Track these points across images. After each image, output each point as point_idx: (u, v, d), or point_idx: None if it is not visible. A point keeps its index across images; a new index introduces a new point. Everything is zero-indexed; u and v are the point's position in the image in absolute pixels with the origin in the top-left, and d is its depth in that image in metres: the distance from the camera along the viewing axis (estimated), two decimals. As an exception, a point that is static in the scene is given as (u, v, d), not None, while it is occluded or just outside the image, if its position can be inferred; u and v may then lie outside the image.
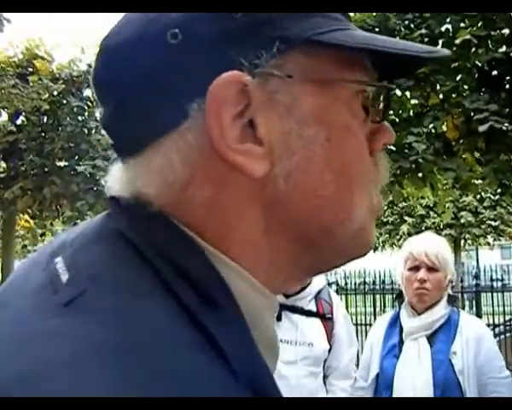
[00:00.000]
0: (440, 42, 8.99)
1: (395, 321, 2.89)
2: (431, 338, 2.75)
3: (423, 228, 21.64)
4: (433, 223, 22.70)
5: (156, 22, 0.57)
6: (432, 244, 2.81)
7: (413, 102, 9.34)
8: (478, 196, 21.34)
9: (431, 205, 21.86)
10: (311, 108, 0.58)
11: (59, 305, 0.49)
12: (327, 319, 3.00)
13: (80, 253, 0.56)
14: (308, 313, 2.96)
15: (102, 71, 0.62)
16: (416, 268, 2.78)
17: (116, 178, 0.62)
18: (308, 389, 2.87)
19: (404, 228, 23.50)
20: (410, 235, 23.65)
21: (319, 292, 3.03)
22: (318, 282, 3.04)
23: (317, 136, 0.58)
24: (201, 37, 0.55)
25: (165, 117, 0.56)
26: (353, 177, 0.61)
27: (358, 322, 11.93)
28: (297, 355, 2.85)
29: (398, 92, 9.10)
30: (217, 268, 0.54)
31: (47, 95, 12.41)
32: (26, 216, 15.68)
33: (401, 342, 2.80)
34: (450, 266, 2.80)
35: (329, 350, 3.00)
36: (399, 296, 2.94)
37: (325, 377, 3.03)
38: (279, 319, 2.87)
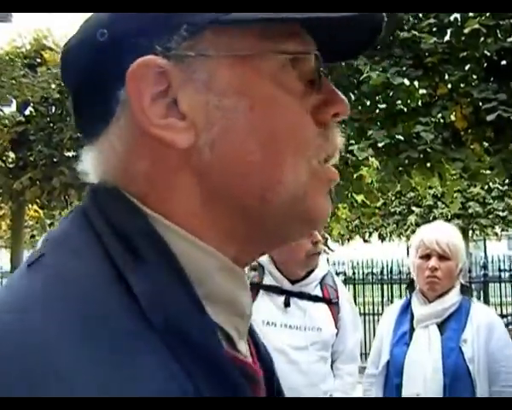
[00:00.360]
0: (449, 31, 8.97)
1: (406, 309, 2.91)
2: (442, 326, 2.76)
3: (431, 218, 21.55)
4: (441, 213, 22.63)
5: (90, 24, 0.66)
6: (443, 233, 2.81)
7: (421, 91, 9.30)
8: (486, 187, 21.26)
9: (439, 195, 21.80)
10: (228, 80, 0.62)
11: (25, 267, 0.59)
12: (333, 303, 3.02)
13: (55, 228, 0.66)
14: (315, 299, 2.98)
15: (62, 72, 0.71)
16: (427, 256, 2.80)
17: (86, 164, 0.70)
18: (319, 374, 2.90)
19: (412, 218, 23.46)
20: (417, 225, 23.58)
21: (324, 277, 3.05)
22: (322, 267, 3.07)
23: (236, 106, 0.62)
24: (123, 32, 0.63)
25: (107, 107, 0.64)
26: (284, 145, 0.64)
27: (366, 312, 11.95)
28: (307, 341, 2.88)
29: (407, 82, 9.07)
30: (157, 230, 0.61)
31: (55, 85, 12.42)
32: (35, 206, 15.74)
33: (412, 329, 2.81)
34: (461, 255, 2.81)
35: (336, 335, 3.02)
36: (411, 284, 2.95)
37: (332, 362, 3.05)
38: (287, 305, 2.90)
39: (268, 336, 2.81)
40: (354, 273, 13.13)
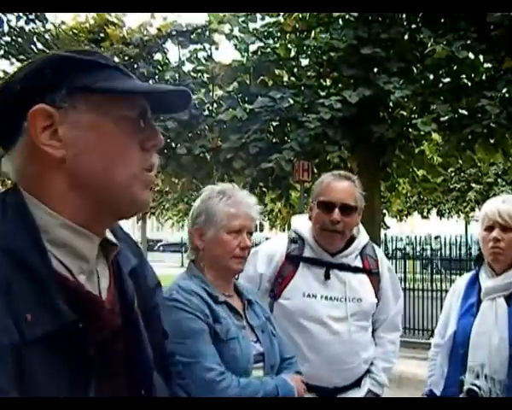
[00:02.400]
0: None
1: (474, 281, 2.94)
2: (509, 299, 2.79)
3: (491, 195, 21.18)
4: (502, 191, 22.20)
5: (13, 77, 1.15)
6: (506, 204, 2.82)
7: (486, 65, 9.13)
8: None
9: (500, 173, 21.40)
10: (86, 121, 1.13)
11: None
12: (373, 273, 3.04)
13: None
14: (355, 270, 3.00)
15: None
16: (490, 228, 2.81)
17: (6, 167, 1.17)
18: (360, 343, 2.95)
19: (472, 195, 23.11)
20: (477, 202, 23.23)
21: (364, 248, 3.06)
22: (363, 238, 3.08)
23: (89, 136, 1.13)
24: (28, 88, 1.12)
25: (16, 130, 1.12)
26: (115, 159, 1.15)
27: (423, 288, 11.98)
28: (347, 312, 2.91)
29: (471, 55, 8.91)
30: (26, 202, 1.11)
31: (119, 60, 12.63)
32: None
33: (479, 301, 2.84)
34: None
35: (377, 304, 3.05)
36: (479, 258, 2.98)
37: (373, 331, 3.09)
38: (327, 277, 2.93)
39: (308, 308, 2.89)
40: (413, 249, 13.05)
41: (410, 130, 9.42)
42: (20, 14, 11.24)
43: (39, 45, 11.72)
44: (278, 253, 2.99)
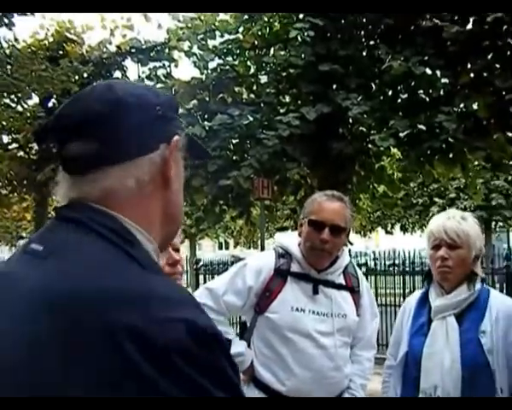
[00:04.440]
0: (471, 19, 8.86)
1: (424, 300, 2.87)
2: (460, 317, 2.72)
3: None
4: (464, 205, 22.48)
5: (151, 100, 1.12)
6: (452, 221, 2.76)
7: (443, 81, 9.21)
8: (509, 178, 21.08)
9: (462, 187, 21.65)
10: (180, 160, 1.16)
11: (42, 259, 0.99)
12: (355, 291, 3.10)
13: (47, 236, 1.05)
14: (339, 287, 3.05)
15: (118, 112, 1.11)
16: (437, 246, 2.75)
17: (68, 189, 1.09)
18: (343, 358, 3.00)
19: (435, 210, 23.29)
20: (440, 217, 23.43)
21: (346, 267, 3.11)
22: (345, 257, 3.12)
23: (182, 174, 1.18)
24: (169, 113, 1.14)
25: (143, 148, 1.09)
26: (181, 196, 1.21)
27: (388, 303, 11.90)
28: (334, 327, 2.96)
29: (428, 71, 8.98)
30: (131, 231, 1.05)
31: (77, 77, 12.49)
32: (58, 198, 15.85)
33: (429, 320, 2.78)
34: (474, 242, 2.74)
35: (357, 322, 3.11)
36: (428, 275, 2.92)
37: (350, 348, 3.12)
38: (316, 292, 2.98)
39: (297, 321, 2.91)
40: (376, 265, 13.05)
41: (370, 146, 9.45)
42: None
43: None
44: (266, 267, 3.01)
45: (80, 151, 1.05)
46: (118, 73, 12.32)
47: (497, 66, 8.78)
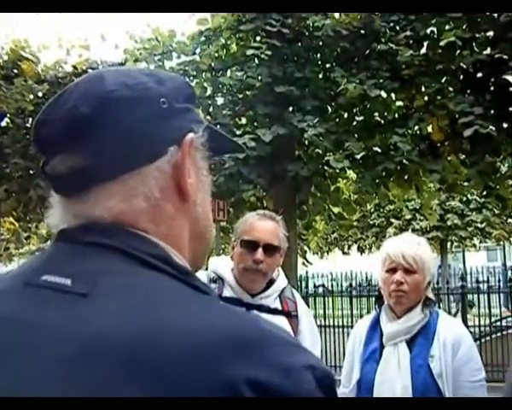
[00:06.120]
0: (425, 44, 9.00)
1: (375, 324, 2.84)
2: (410, 342, 2.71)
3: (410, 230, 21.64)
4: (420, 226, 22.73)
5: (153, 90, 0.88)
6: (410, 245, 2.75)
7: (398, 103, 9.34)
8: (464, 199, 21.42)
9: (417, 208, 21.90)
10: (205, 168, 0.95)
11: (78, 296, 0.74)
12: (292, 316, 2.99)
13: (67, 265, 0.80)
14: (274, 312, 2.94)
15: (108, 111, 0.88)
16: (393, 270, 2.73)
17: (70, 211, 0.87)
18: None
19: (391, 231, 23.49)
20: (397, 237, 23.64)
21: (283, 290, 3.02)
22: (281, 281, 3.04)
23: (207, 184, 0.96)
24: (180, 104, 0.90)
25: (150, 152, 0.87)
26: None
27: (345, 324, 11.92)
28: None
29: (383, 94, 9.09)
30: (169, 254, 0.85)
31: (32, 96, 12.29)
32: (11, 219, 15.55)
33: (381, 346, 2.76)
34: (428, 268, 2.74)
35: None
36: (379, 298, 2.89)
37: None
38: None
39: None
40: (333, 286, 13.09)
41: (325, 167, 9.48)
42: None
43: None
44: None
45: (65, 167, 0.84)
46: (73, 93, 12.14)
47: (451, 89, 8.92)
